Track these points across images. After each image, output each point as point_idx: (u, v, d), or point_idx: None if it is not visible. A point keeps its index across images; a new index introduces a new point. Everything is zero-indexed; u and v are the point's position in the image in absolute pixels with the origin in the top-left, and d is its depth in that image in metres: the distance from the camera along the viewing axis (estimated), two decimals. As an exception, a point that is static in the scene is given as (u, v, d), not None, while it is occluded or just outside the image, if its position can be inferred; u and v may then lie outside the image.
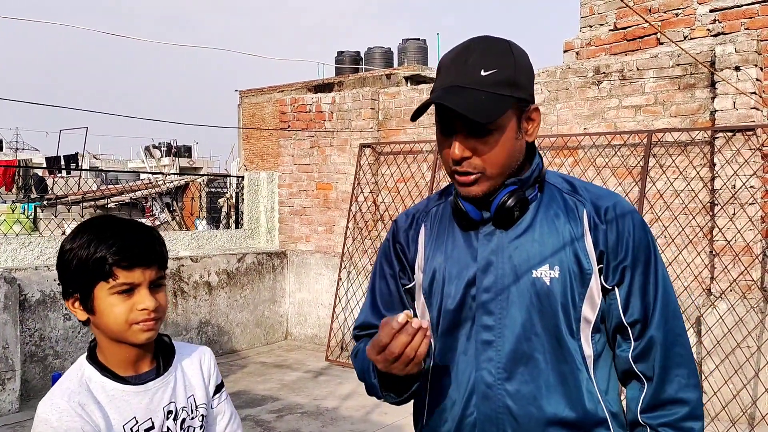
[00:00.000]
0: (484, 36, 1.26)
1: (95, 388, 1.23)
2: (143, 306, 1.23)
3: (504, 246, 1.26)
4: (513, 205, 1.23)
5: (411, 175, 6.07)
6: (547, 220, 1.26)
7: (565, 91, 5.20)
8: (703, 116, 4.62)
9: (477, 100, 1.16)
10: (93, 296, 1.23)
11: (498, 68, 1.19)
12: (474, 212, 1.27)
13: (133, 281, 1.22)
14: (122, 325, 1.22)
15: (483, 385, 1.24)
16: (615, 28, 5.72)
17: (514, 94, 1.20)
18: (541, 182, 1.30)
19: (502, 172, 1.24)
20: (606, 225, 1.24)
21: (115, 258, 1.20)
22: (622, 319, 1.24)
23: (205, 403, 1.36)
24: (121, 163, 32.52)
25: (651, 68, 4.81)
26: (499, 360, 1.24)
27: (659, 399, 1.25)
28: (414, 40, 17.24)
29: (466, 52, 1.22)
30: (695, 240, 4.62)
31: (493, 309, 1.25)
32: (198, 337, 6.10)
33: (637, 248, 1.24)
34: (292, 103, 7.04)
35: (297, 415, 4.60)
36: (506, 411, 1.23)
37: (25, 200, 13.16)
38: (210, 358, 1.41)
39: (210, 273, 6.23)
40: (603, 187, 1.35)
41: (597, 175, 4.99)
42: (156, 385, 1.28)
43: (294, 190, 7.01)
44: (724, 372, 4.34)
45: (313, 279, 6.77)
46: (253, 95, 16.76)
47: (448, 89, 1.20)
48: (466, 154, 1.21)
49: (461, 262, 1.28)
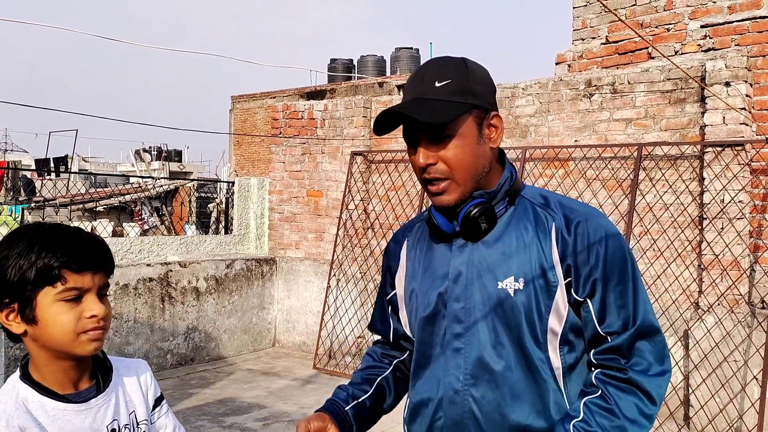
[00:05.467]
0: (440, 56, 1.34)
1: (34, 409, 1.13)
2: (93, 313, 1.14)
3: (474, 258, 1.31)
4: (478, 216, 1.27)
5: (402, 183, 6.07)
6: (516, 233, 1.29)
7: (557, 103, 5.23)
8: (693, 131, 4.65)
9: (432, 107, 1.24)
10: (35, 304, 1.12)
11: (451, 79, 1.26)
12: (445, 225, 1.32)
13: (83, 286, 1.14)
14: (69, 335, 1.13)
15: (451, 390, 1.30)
16: (607, 42, 5.77)
17: (469, 101, 1.26)
18: (513, 195, 1.33)
19: (469, 177, 1.28)
20: (575, 238, 1.26)
21: (64, 260, 1.12)
22: (598, 329, 1.25)
23: (146, 419, 1.29)
24: (110, 166, 32.34)
25: (642, 82, 4.84)
26: (466, 367, 1.29)
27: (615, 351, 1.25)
28: (406, 48, 17.32)
29: (423, 70, 1.31)
30: (684, 253, 4.64)
31: (462, 318, 1.30)
32: (185, 343, 6.05)
33: (609, 261, 1.25)
34: (285, 109, 7.03)
35: (284, 423, 4.56)
36: (471, 416, 1.28)
37: (13, 202, 13.04)
38: (146, 370, 1.34)
39: (198, 278, 6.19)
40: (584, 203, 1.37)
41: (587, 188, 5.01)
42: (98, 403, 1.20)
43: (284, 197, 6.99)
44: (710, 386, 4.35)
45: (302, 286, 6.74)
46: (245, 101, 16.75)
47: (405, 103, 1.28)
48: (430, 160, 1.27)
49: (436, 274, 1.35)
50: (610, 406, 1.22)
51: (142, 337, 5.70)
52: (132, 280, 5.65)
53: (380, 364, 1.52)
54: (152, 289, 5.80)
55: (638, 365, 1.24)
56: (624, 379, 1.23)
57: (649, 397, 1.23)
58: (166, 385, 5.42)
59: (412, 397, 1.39)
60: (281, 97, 14.78)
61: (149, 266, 5.83)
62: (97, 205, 12.15)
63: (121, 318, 5.55)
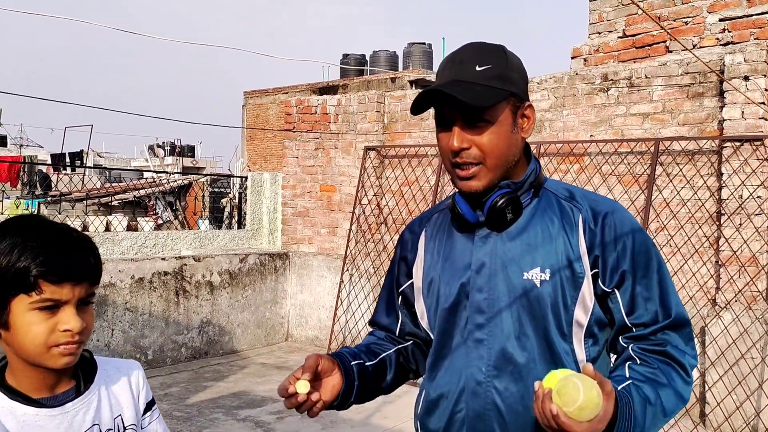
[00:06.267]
0: (477, 41, 1.33)
1: (3, 415, 1.07)
2: (67, 327, 1.06)
3: (498, 248, 1.29)
4: (504, 207, 1.26)
5: (415, 178, 6.06)
6: (542, 225, 1.29)
7: (572, 98, 5.18)
8: (711, 125, 4.60)
9: (472, 90, 1.22)
10: (9, 309, 1.05)
11: (491, 64, 1.25)
12: (470, 214, 1.31)
13: (60, 298, 1.05)
14: (39, 347, 1.05)
15: (473, 382, 1.28)
16: (624, 35, 5.71)
17: (507, 88, 1.26)
18: (538, 188, 1.33)
19: (500, 164, 1.27)
20: (602, 230, 1.26)
21: (41, 270, 1.03)
22: (626, 321, 1.26)
23: (135, 424, 1.22)
24: (124, 161, 32.55)
25: (659, 76, 4.79)
26: (489, 358, 1.27)
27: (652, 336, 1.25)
28: (419, 44, 17.25)
29: (460, 54, 1.29)
30: (701, 250, 4.60)
31: (485, 309, 1.28)
32: (199, 337, 6.08)
33: (637, 253, 1.25)
34: (298, 104, 7.03)
35: (297, 417, 4.57)
36: (494, 408, 1.26)
37: (29, 196, 13.18)
38: (139, 372, 1.27)
39: (212, 273, 6.21)
40: (605, 196, 1.37)
41: (603, 183, 4.97)
42: (75, 407, 1.12)
43: (297, 192, 6.99)
44: (727, 383, 4.31)
45: (315, 281, 6.75)
46: (257, 96, 16.78)
47: (444, 84, 1.25)
48: (464, 144, 1.25)
49: (457, 264, 1.33)
50: (654, 370, 1.22)
51: (157, 330, 5.74)
52: (147, 273, 5.68)
53: (384, 343, 1.48)
54: (167, 282, 5.84)
55: (671, 344, 1.25)
56: (661, 351, 1.23)
57: (686, 371, 1.24)
58: (181, 378, 5.45)
59: (430, 389, 1.36)
60: (294, 93, 14.80)
61: (164, 260, 5.86)
62: (112, 199, 12.24)
63: (136, 311, 5.59)
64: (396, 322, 1.48)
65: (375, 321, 1.54)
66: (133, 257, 5.76)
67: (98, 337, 5.32)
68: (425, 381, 1.40)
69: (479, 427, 1.27)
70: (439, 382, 1.34)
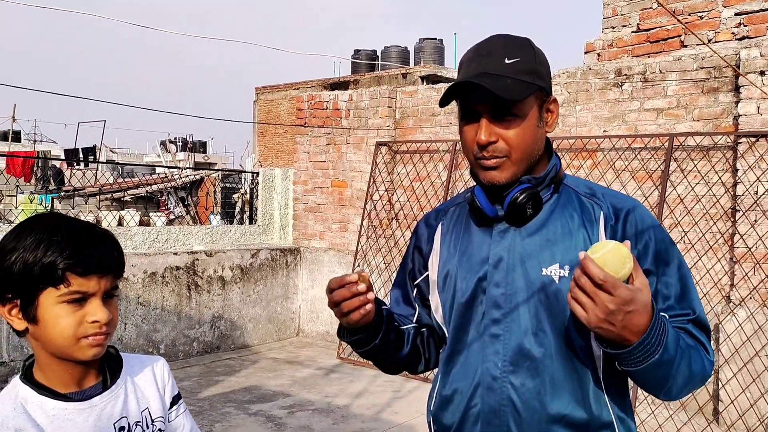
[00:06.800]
0: (501, 33, 1.31)
1: (33, 410, 1.09)
2: (95, 318, 1.08)
3: (517, 243, 1.28)
4: (525, 202, 1.25)
5: (427, 174, 6.05)
6: (561, 220, 1.28)
7: (585, 93, 5.15)
8: (726, 121, 4.55)
9: (503, 83, 1.21)
10: (37, 304, 1.07)
11: (520, 58, 1.24)
12: (489, 208, 1.29)
13: (87, 290, 1.08)
14: (69, 339, 1.08)
15: (489, 377, 1.27)
16: (638, 30, 5.66)
17: (536, 82, 1.25)
18: (558, 183, 1.32)
19: (525, 158, 1.26)
20: (624, 227, 1.25)
21: (69, 263, 1.06)
22: None
23: (162, 417, 1.23)
24: (137, 156, 32.74)
25: (674, 71, 4.74)
26: (505, 353, 1.26)
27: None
28: (431, 39, 17.19)
29: (487, 46, 1.27)
30: (715, 246, 4.55)
31: (501, 303, 1.27)
32: (211, 331, 6.11)
33: (658, 251, 1.25)
34: (310, 99, 7.03)
35: (308, 411, 4.59)
36: (509, 404, 1.24)
37: (43, 191, 13.29)
38: (164, 366, 1.29)
39: (224, 267, 6.24)
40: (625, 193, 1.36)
41: (616, 178, 4.93)
42: (103, 400, 1.14)
43: (309, 187, 7.00)
44: (741, 380, 4.27)
45: (326, 276, 6.76)
46: (268, 92, 16.81)
47: (475, 76, 1.23)
48: (492, 138, 1.24)
49: (474, 258, 1.32)
50: (682, 333, 1.21)
51: (169, 324, 5.78)
52: (159, 268, 5.71)
53: (405, 319, 1.46)
54: (179, 277, 5.87)
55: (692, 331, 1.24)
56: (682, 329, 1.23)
57: (707, 352, 1.23)
58: (193, 372, 5.48)
59: (445, 384, 1.35)
60: (305, 89, 14.80)
61: (176, 255, 5.89)
62: (124, 195, 12.32)
63: (149, 306, 5.63)
64: (413, 313, 1.46)
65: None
66: (145, 252, 5.79)
67: (111, 331, 5.36)
68: (439, 376, 1.38)
69: (494, 422, 1.26)
70: (454, 377, 1.33)
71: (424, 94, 6.21)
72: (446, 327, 1.38)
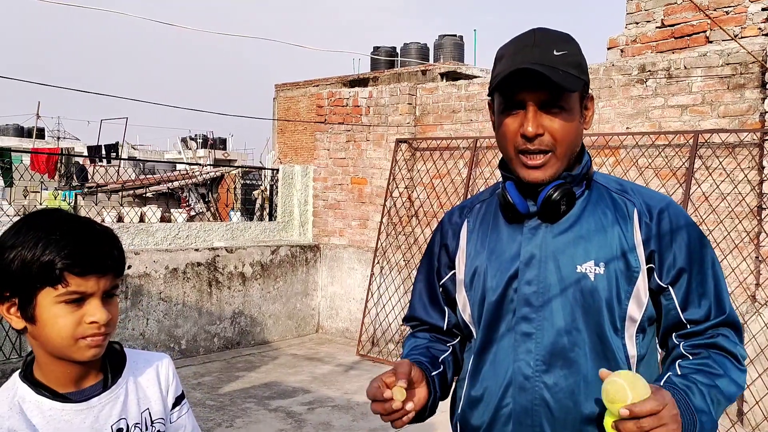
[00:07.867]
0: (540, 27, 1.28)
1: (29, 410, 1.07)
2: (93, 319, 1.06)
3: (549, 240, 1.25)
4: (559, 199, 1.22)
5: (447, 171, 6.03)
6: (594, 217, 1.26)
7: (608, 89, 5.09)
8: (753, 117, 4.47)
9: (557, 73, 1.18)
10: (35, 303, 1.05)
11: (567, 51, 1.22)
12: (521, 204, 1.26)
13: (86, 290, 1.06)
14: (66, 340, 1.05)
15: (521, 376, 1.24)
16: (662, 26, 5.58)
17: (582, 77, 1.23)
18: (589, 180, 1.30)
19: (567, 153, 1.24)
20: (658, 224, 1.23)
21: (67, 262, 1.03)
22: (681, 317, 1.24)
23: (163, 418, 1.20)
24: (158, 153, 33.06)
25: (699, 67, 4.67)
26: (538, 352, 1.23)
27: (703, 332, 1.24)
28: (450, 36, 17.11)
29: (531, 38, 1.23)
30: (741, 245, 4.48)
31: (534, 302, 1.24)
32: (231, 327, 6.16)
33: (692, 249, 1.23)
34: (329, 96, 7.04)
35: (328, 408, 4.60)
36: (543, 403, 1.22)
37: (67, 188, 13.49)
38: (168, 365, 1.25)
39: (244, 264, 6.28)
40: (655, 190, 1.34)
41: (639, 176, 4.87)
42: (102, 401, 1.12)
43: (329, 184, 7.01)
44: (766, 381, 4.20)
45: (346, 273, 6.78)
46: (288, 89, 16.86)
47: (530, 64, 1.18)
48: (539, 130, 1.20)
49: (504, 256, 1.28)
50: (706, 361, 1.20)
51: (190, 320, 5.83)
52: (181, 264, 5.77)
53: (436, 344, 1.42)
54: (200, 273, 5.92)
55: (723, 335, 1.23)
56: (712, 344, 1.21)
57: (738, 360, 1.21)
58: (213, 367, 5.53)
59: (474, 384, 1.31)
60: (324, 86, 14.83)
61: (197, 251, 5.94)
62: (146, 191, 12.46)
63: (170, 301, 5.69)
64: (443, 318, 1.42)
65: (415, 317, 1.46)
66: (167, 248, 5.85)
67: (133, 326, 5.42)
68: (466, 375, 1.34)
69: (527, 422, 1.23)
70: (484, 377, 1.30)
71: (445, 91, 6.19)
72: (475, 326, 1.34)
